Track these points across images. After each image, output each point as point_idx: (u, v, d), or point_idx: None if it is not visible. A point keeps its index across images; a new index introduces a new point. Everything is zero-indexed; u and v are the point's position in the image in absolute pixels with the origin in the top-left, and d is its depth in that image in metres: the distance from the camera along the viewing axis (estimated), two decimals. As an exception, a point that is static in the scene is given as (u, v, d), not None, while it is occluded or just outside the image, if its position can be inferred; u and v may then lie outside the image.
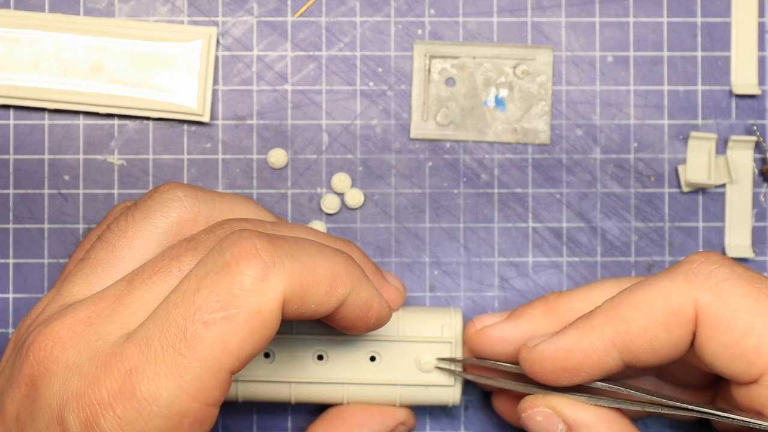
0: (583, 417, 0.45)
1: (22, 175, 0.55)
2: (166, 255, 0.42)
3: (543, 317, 0.49)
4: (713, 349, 0.43)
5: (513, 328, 0.49)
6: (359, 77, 0.55)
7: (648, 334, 0.43)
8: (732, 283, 0.43)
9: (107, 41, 0.54)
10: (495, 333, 0.49)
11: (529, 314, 0.49)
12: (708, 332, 0.43)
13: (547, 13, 0.55)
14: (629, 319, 0.44)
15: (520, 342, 0.48)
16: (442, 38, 0.55)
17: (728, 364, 0.43)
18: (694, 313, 0.43)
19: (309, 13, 0.55)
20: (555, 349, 0.45)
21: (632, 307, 0.44)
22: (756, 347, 0.42)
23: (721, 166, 0.55)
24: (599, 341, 0.44)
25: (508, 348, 0.49)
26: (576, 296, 0.49)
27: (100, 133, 0.55)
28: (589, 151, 0.55)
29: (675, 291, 0.43)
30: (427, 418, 0.55)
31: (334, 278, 0.42)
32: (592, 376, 0.45)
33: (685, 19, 0.55)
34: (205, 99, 0.54)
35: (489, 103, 0.55)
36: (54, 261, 0.55)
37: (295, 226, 0.46)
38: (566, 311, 0.48)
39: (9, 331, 0.54)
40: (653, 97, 0.55)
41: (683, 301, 0.43)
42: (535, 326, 0.49)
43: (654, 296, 0.44)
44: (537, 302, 0.50)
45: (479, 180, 0.55)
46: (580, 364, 0.45)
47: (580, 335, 0.44)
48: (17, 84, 0.53)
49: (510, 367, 0.48)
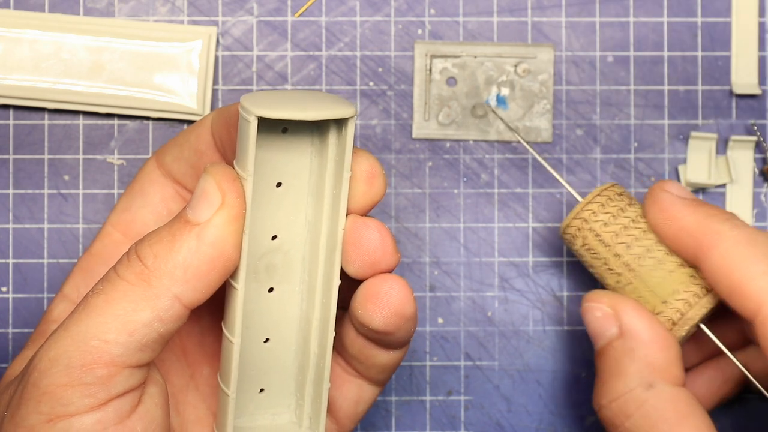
0: (638, 328, 0.46)
1: (22, 175, 0.54)
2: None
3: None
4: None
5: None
6: (359, 77, 0.55)
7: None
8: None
9: (107, 41, 0.54)
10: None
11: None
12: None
13: (547, 13, 0.55)
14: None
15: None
16: (443, 38, 0.55)
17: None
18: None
19: (309, 13, 0.55)
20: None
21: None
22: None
23: (721, 166, 0.55)
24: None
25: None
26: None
27: (100, 133, 0.55)
28: (589, 150, 0.55)
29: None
30: (427, 418, 0.55)
31: None
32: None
33: (685, 19, 0.55)
34: (205, 99, 0.54)
35: (490, 102, 0.55)
36: (54, 261, 0.54)
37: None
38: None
39: (9, 331, 0.54)
40: (653, 97, 0.55)
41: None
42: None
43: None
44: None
45: (479, 180, 0.55)
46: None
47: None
48: (17, 84, 0.53)
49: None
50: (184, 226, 0.40)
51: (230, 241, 0.40)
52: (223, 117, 0.45)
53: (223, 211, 0.40)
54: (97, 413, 0.39)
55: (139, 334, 0.40)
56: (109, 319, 0.39)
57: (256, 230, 0.43)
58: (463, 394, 0.55)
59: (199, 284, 0.40)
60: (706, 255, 0.45)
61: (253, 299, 0.44)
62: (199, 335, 0.48)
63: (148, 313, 0.40)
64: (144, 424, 0.40)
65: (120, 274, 0.40)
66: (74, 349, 0.39)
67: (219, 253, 0.40)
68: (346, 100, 0.43)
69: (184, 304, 0.40)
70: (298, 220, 0.44)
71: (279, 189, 0.43)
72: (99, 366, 0.39)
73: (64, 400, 0.39)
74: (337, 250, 0.43)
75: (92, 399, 0.39)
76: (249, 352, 0.45)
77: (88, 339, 0.39)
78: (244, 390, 0.45)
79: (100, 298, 0.40)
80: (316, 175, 0.44)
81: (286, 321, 0.45)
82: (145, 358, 0.40)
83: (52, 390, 0.39)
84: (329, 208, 0.43)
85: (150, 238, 0.41)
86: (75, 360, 0.39)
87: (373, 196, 0.43)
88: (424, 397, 0.55)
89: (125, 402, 0.40)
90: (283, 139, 0.43)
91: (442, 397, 0.55)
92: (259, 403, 0.46)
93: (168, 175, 0.48)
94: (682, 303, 0.46)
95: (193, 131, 0.47)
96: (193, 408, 0.47)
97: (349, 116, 0.41)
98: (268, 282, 0.44)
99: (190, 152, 0.47)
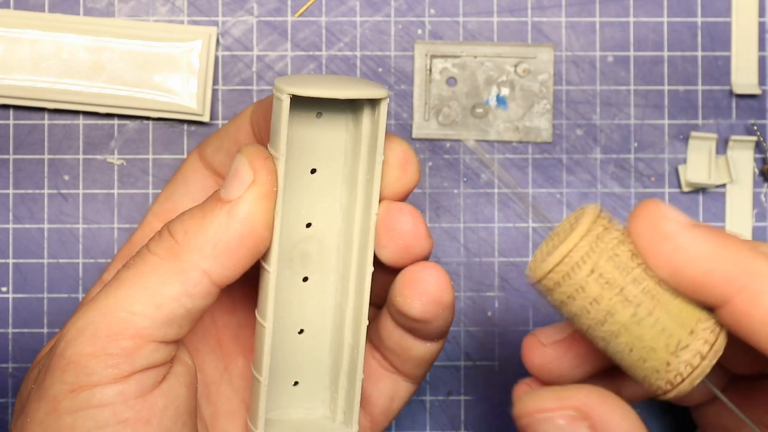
0: (614, 424, 0.37)
1: (22, 175, 0.54)
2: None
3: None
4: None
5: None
6: (359, 77, 0.55)
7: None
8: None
9: (107, 41, 0.54)
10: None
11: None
12: None
13: (547, 13, 0.55)
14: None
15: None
16: (442, 38, 0.55)
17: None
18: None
19: (309, 13, 0.55)
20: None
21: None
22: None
23: (721, 166, 0.55)
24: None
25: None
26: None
27: (100, 133, 0.55)
28: (589, 150, 0.55)
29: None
30: (427, 417, 0.55)
31: None
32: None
33: (685, 19, 0.55)
34: (205, 99, 0.54)
35: (491, 102, 0.55)
36: (54, 261, 0.54)
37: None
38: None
39: (9, 331, 0.54)
40: (653, 97, 0.55)
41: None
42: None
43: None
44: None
45: (479, 180, 0.55)
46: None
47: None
48: (17, 84, 0.53)
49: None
50: (215, 204, 0.41)
51: (261, 218, 0.41)
52: (262, 108, 0.46)
53: (254, 189, 0.40)
54: (119, 385, 0.39)
55: (166, 308, 0.40)
56: (138, 291, 0.40)
57: (291, 217, 0.43)
58: (463, 394, 0.55)
59: (228, 261, 0.40)
60: (745, 302, 0.36)
61: (288, 288, 0.44)
62: (236, 328, 0.48)
63: (176, 287, 0.40)
64: (166, 401, 0.40)
65: (151, 249, 0.41)
66: (101, 319, 0.40)
67: (249, 230, 0.40)
68: (378, 84, 0.43)
69: (213, 280, 0.40)
70: (332, 207, 0.44)
71: (313, 176, 0.44)
72: (125, 337, 0.39)
73: (88, 369, 0.39)
74: (370, 235, 0.43)
75: (115, 370, 0.39)
76: (283, 343, 0.45)
77: (115, 310, 0.40)
78: (278, 382, 0.45)
79: (129, 271, 0.40)
80: (350, 161, 0.44)
81: (321, 311, 0.45)
82: (171, 333, 0.40)
83: (76, 359, 0.39)
84: (363, 194, 0.43)
85: (182, 215, 0.41)
86: (101, 330, 0.39)
87: (406, 183, 0.43)
88: (424, 397, 0.55)
89: (148, 377, 0.40)
90: (317, 124, 0.43)
91: (442, 397, 0.55)
92: (293, 397, 0.46)
93: (209, 166, 0.49)
94: (708, 332, 0.38)
95: (233, 123, 0.48)
96: (226, 400, 0.47)
97: (382, 97, 0.42)
98: (303, 271, 0.44)
99: (230, 143, 0.47)
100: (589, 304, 0.37)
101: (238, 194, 0.41)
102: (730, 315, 0.36)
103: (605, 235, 0.38)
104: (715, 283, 0.36)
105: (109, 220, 0.55)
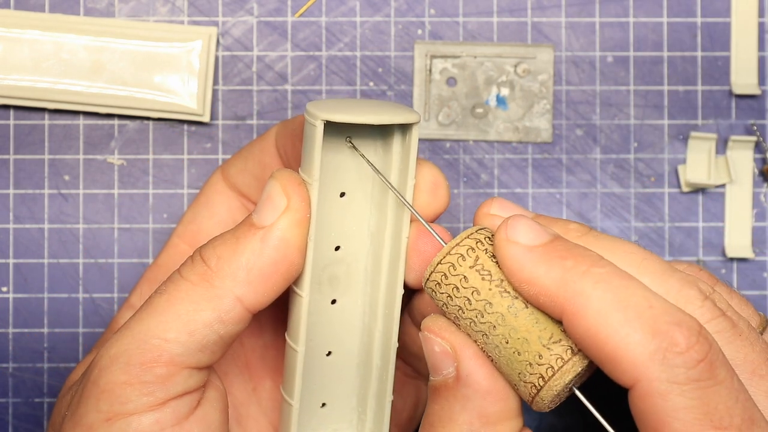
0: (478, 376, 0.39)
1: (22, 175, 0.54)
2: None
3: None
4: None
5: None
6: (359, 77, 0.55)
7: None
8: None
9: (107, 41, 0.54)
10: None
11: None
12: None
13: (547, 13, 0.55)
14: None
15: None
16: (442, 38, 0.55)
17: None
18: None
19: (309, 13, 0.55)
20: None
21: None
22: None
23: (721, 166, 0.55)
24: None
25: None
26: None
27: (100, 133, 0.55)
28: (589, 151, 0.55)
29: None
30: (427, 418, 0.55)
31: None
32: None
33: (685, 19, 0.55)
34: (205, 99, 0.54)
35: (490, 102, 0.55)
36: (54, 261, 0.54)
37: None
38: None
39: (9, 331, 0.54)
40: (653, 97, 0.55)
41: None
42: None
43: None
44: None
45: (479, 180, 0.55)
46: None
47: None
48: (17, 84, 0.53)
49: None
50: (248, 229, 0.40)
51: (294, 244, 0.40)
52: (287, 129, 0.46)
53: (288, 215, 0.40)
54: (155, 413, 0.39)
55: (199, 334, 0.39)
56: (171, 318, 0.39)
57: (320, 240, 0.43)
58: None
59: (261, 287, 0.40)
60: (571, 322, 0.37)
61: (316, 311, 0.44)
62: (262, 349, 0.48)
63: (209, 314, 0.40)
64: (202, 427, 0.40)
65: (183, 275, 0.40)
66: (135, 347, 0.39)
67: (282, 256, 0.40)
68: (409, 107, 0.43)
69: (245, 306, 0.40)
70: (361, 230, 0.44)
71: (342, 199, 0.43)
72: (158, 365, 0.39)
73: (123, 398, 0.39)
74: (401, 258, 0.43)
75: (151, 398, 0.39)
76: (311, 365, 0.44)
77: (148, 338, 0.39)
78: (306, 404, 0.45)
79: (162, 297, 0.40)
80: (380, 185, 0.44)
81: (349, 334, 0.45)
82: (204, 359, 0.40)
83: (111, 388, 0.39)
84: (393, 218, 0.43)
85: (214, 241, 0.41)
86: (135, 358, 0.39)
87: (437, 207, 0.43)
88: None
89: (184, 403, 0.40)
90: (347, 148, 0.43)
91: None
92: (322, 419, 0.45)
93: (233, 187, 0.48)
94: (562, 349, 0.38)
95: (258, 144, 0.47)
96: (255, 422, 0.47)
97: (413, 122, 0.41)
98: (331, 294, 0.44)
99: (255, 164, 0.47)
100: (471, 294, 0.39)
101: (271, 220, 0.40)
102: (578, 339, 0.37)
103: (486, 241, 0.40)
104: (545, 305, 0.38)
105: (109, 220, 0.55)
